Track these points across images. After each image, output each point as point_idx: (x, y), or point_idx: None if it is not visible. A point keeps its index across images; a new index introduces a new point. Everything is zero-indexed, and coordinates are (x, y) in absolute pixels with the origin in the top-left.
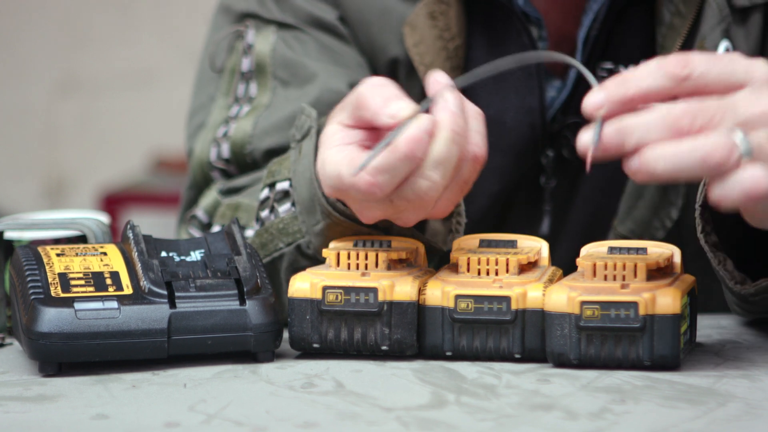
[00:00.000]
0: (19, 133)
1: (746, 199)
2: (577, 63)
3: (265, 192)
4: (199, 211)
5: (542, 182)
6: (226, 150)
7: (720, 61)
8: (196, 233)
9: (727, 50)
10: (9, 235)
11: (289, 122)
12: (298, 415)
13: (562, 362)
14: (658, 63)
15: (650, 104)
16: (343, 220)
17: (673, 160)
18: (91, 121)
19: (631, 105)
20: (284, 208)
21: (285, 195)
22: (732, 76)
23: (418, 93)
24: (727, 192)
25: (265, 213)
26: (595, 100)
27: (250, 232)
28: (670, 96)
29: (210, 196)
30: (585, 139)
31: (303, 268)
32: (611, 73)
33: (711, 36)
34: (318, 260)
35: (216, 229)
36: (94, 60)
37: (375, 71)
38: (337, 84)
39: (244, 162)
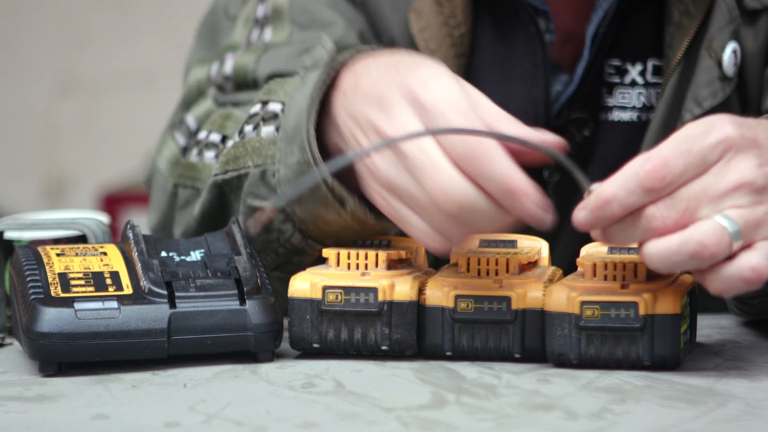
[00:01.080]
0: (19, 133)
1: (748, 288)
2: (565, 161)
3: (257, 108)
4: (190, 117)
5: (545, 176)
6: (229, 66)
7: (692, 148)
8: (181, 139)
9: (734, 52)
10: (9, 235)
11: (303, 54)
12: (298, 415)
13: (562, 362)
14: (637, 177)
15: None
16: (312, 163)
17: (667, 258)
18: (91, 121)
19: (616, 219)
20: (268, 129)
21: (274, 117)
22: (705, 161)
23: None
24: (728, 285)
25: (248, 128)
26: (580, 220)
27: (230, 144)
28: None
29: (204, 105)
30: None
31: (261, 197)
32: (618, 70)
33: (719, 37)
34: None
35: (201, 134)
36: (94, 60)
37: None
38: (351, 38)
39: (244, 80)
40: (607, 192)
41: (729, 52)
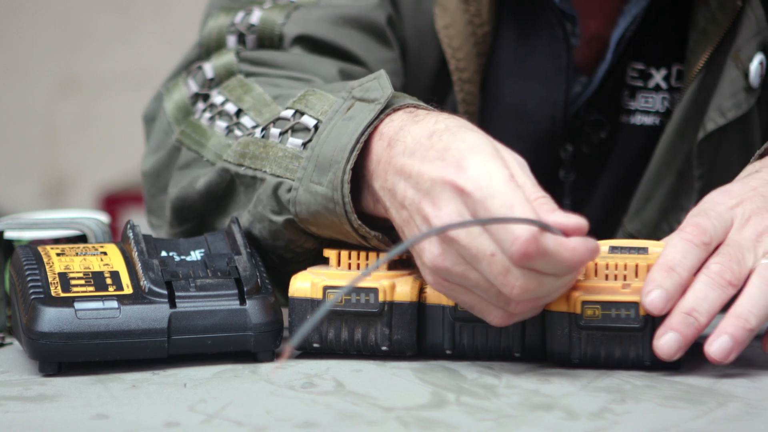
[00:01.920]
0: (19, 133)
1: None
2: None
3: (288, 113)
4: (207, 66)
5: (561, 176)
6: (256, 17)
7: (713, 211)
8: (194, 85)
9: (760, 63)
10: (9, 235)
11: (333, 22)
12: (298, 415)
13: (562, 362)
14: (684, 241)
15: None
16: (339, 206)
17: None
18: (91, 121)
19: (685, 287)
20: (295, 141)
21: (305, 130)
22: (726, 224)
23: (432, 63)
24: None
25: (274, 131)
26: (658, 297)
27: (247, 120)
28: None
29: (225, 56)
30: (669, 347)
31: (271, 208)
32: (642, 74)
33: (746, 48)
34: (287, 209)
35: (216, 97)
36: (94, 60)
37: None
38: (380, 17)
39: (270, 34)
40: (666, 259)
41: (756, 63)
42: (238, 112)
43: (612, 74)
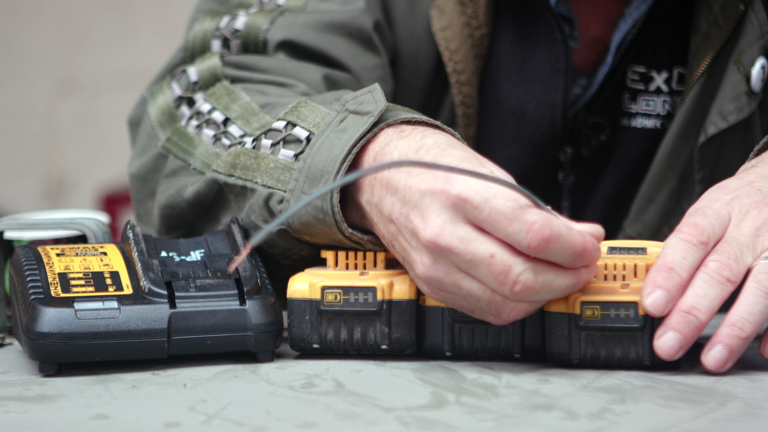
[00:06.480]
0: (19, 133)
1: None
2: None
3: (280, 124)
4: (192, 69)
5: (560, 179)
6: (241, 23)
7: (710, 209)
8: (177, 89)
9: (762, 68)
10: (9, 235)
11: (318, 28)
12: (298, 415)
13: (562, 362)
14: (682, 241)
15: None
16: (329, 216)
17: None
18: (91, 121)
19: (685, 287)
20: (287, 153)
21: (296, 141)
22: (724, 221)
23: (428, 65)
24: None
25: (266, 142)
26: (659, 299)
27: (235, 129)
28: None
29: (210, 60)
30: (670, 347)
31: (263, 218)
32: (643, 77)
33: (748, 52)
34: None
35: (203, 104)
36: (94, 60)
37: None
38: (366, 22)
39: (254, 39)
40: (666, 260)
41: (758, 68)
42: (226, 121)
43: (612, 77)
